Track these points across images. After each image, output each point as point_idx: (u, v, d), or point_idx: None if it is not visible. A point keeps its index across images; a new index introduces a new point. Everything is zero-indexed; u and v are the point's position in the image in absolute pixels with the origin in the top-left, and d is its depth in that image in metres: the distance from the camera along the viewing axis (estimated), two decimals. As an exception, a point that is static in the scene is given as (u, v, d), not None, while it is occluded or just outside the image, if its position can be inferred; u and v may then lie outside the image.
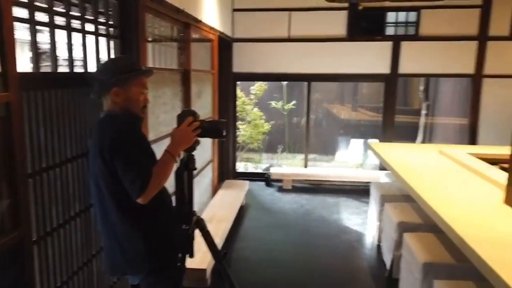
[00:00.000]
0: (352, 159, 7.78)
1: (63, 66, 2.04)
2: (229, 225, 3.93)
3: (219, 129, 1.89)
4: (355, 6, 5.46)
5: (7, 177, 1.51)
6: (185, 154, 1.87)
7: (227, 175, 5.84)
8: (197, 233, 1.98)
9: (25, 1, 1.67)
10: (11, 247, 1.54)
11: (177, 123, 1.83)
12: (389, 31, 5.68)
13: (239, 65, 5.86)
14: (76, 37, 2.04)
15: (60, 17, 1.90)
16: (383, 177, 5.45)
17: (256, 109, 7.50)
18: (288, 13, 5.71)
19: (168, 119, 3.12)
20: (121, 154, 1.60)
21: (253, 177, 6.41)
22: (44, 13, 1.79)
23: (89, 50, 2.15)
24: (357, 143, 8.00)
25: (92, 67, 2.15)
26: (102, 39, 2.29)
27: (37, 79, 1.75)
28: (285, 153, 8.12)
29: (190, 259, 1.95)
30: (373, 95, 9.11)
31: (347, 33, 5.70)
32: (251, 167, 7.48)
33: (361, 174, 6.32)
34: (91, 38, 2.18)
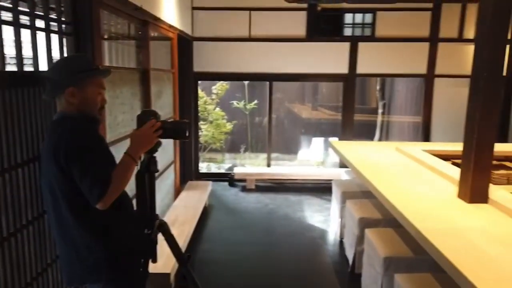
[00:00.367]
0: (313, 157, 7.91)
1: (10, 64, 1.91)
2: (193, 227, 3.87)
3: (181, 129, 1.85)
4: (314, 7, 5.57)
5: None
6: (146, 156, 1.81)
7: (190, 176, 5.76)
8: (160, 237, 1.93)
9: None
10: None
11: (137, 124, 1.77)
12: (347, 32, 5.84)
13: (200, 64, 5.79)
14: (25, 34, 1.91)
15: (7, 12, 1.78)
16: (344, 174, 5.58)
17: (218, 109, 7.44)
18: (248, 12, 5.72)
19: (127, 120, 3.02)
20: (77, 158, 1.52)
21: (216, 177, 6.36)
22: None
23: (40, 48, 2.03)
24: (318, 142, 8.15)
25: (43, 66, 2.03)
26: (54, 36, 2.17)
27: (-18, 78, 1.63)
28: (248, 152, 8.13)
29: (153, 264, 1.90)
30: (332, 94, 9.32)
31: (307, 34, 5.79)
32: (214, 168, 7.42)
33: (322, 172, 6.44)
34: (42, 35, 2.06)
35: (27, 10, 1.93)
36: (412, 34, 5.79)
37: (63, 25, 2.25)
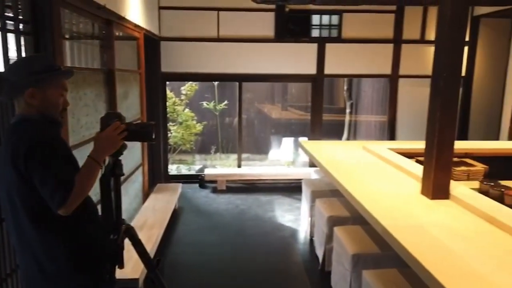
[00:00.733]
0: (284, 157, 7.97)
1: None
2: (162, 230, 3.80)
3: (147, 131, 1.81)
4: (282, 8, 5.61)
5: None
6: (111, 159, 1.76)
7: (159, 178, 5.66)
8: (127, 242, 1.88)
9: None
10: None
11: (100, 127, 1.72)
12: (315, 33, 5.92)
13: (168, 65, 5.71)
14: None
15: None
16: (313, 173, 5.65)
17: (187, 109, 7.35)
18: (216, 12, 5.69)
19: (91, 122, 2.92)
20: (38, 163, 1.45)
21: (187, 179, 6.29)
22: None
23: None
24: (288, 142, 8.22)
25: (0, 66, 1.93)
26: (11, 36, 2.07)
27: None
28: (218, 153, 8.08)
29: (120, 269, 1.85)
30: (302, 94, 9.42)
31: (275, 35, 5.83)
32: (184, 169, 7.32)
33: (293, 171, 6.51)
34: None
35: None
36: (377, 35, 5.95)
37: (21, 24, 2.15)
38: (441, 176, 2.43)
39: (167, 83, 6.24)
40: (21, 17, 2.15)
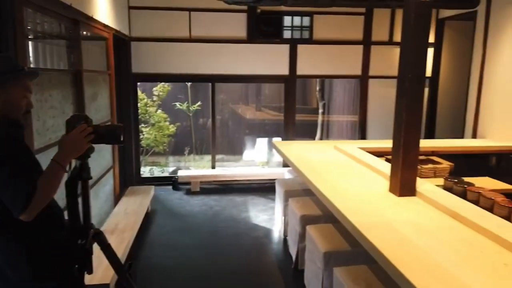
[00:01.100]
0: (258, 157, 7.99)
1: None
2: (134, 234, 3.74)
3: (115, 134, 1.78)
4: (253, 9, 5.64)
5: None
6: (77, 162, 1.72)
7: (131, 181, 5.56)
8: (97, 247, 1.84)
9: None
10: None
11: (66, 129, 1.68)
12: (286, 34, 5.98)
13: (139, 66, 5.62)
14: None
15: None
16: (287, 173, 5.70)
17: (159, 111, 7.26)
18: (188, 13, 5.65)
19: (57, 125, 2.84)
20: (-1, 166, 1.40)
21: (160, 181, 6.21)
22: None
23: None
24: (262, 142, 8.25)
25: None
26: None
27: None
28: (192, 155, 8.01)
29: (89, 275, 1.81)
30: (275, 95, 9.48)
31: (248, 36, 5.84)
32: (157, 172, 7.22)
33: (267, 172, 6.54)
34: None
35: None
36: (347, 37, 6.07)
37: (-20, 23, 2.07)
38: (408, 174, 2.51)
39: (139, 84, 6.15)
40: (-20, 16, 2.07)
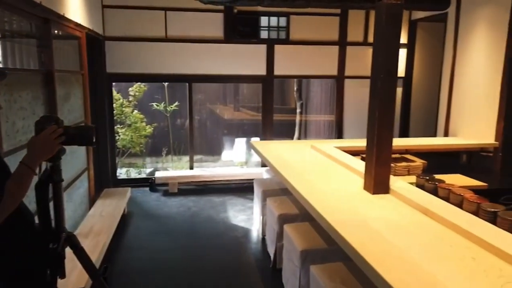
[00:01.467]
0: (237, 158, 7.99)
1: None
2: (109, 237, 3.67)
3: (87, 135, 1.75)
4: (230, 9, 5.63)
5: None
6: (48, 164, 1.68)
7: (107, 183, 5.45)
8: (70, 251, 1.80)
9: None
10: None
11: (35, 131, 1.64)
12: (263, 34, 6.00)
13: (114, 65, 5.52)
14: None
15: None
16: (265, 173, 5.72)
17: (136, 111, 7.15)
18: (163, 12, 5.59)
19: (28, 126, 2.76)
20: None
21: (137, 183, 6.13)
22: None
23: None
24: (241, 142, 8.25)
25: None
26: None
27: None
28: (170, 155, 7.93)
29: (61, 280, 1.77)
30: (253, 95, 9.49)
31: (225, 36, 5.83)
32: (134, 173, 7.11)
33: (245, 171, 6.54)
34: None
35: None
36: (323, 37, 6.14)
37: None
38: (381, 172, 2.56)
39: (114, 84, 6.04)
40: None
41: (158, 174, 6.11)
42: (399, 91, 6.49)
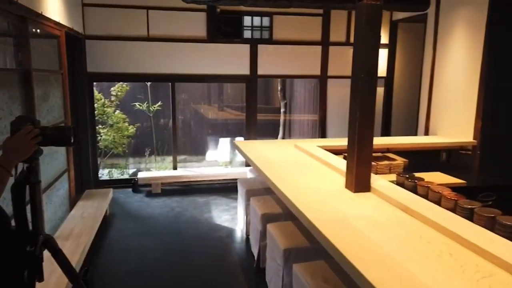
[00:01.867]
0: (221, 157, 7.97)
1: None
2: (91, 238, 3.62)
3: (64, 135, 1.72)
4: (213, 8, 5.61)
5: None
6: (24, 165, 1.65)
7: (88, 184, 5.37)
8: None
9: None
10: None
11: (10, 131, 1.60)
12: (247, 34, 6.00)
13: (95, 65, 5.44)
14: None
15: None
16: (249, 173, 5.73)
17: (118, 111, 7.05)
18: (145, 11, 5.53)
19: (4, 127, 2.69)
20: None
21: (119, 184, 6.06)
22: None
23: None
24: (225, 142, 8.24)
25: None
26: None
27: None
28: (153, 156, 7.85)
29: (40, 283, 1.74)
30: (238, 95, 9.48)
31: (208, 35, 5.81)
32: (116, 174, 7.02)
33: (229, 171, 6.52)
34: None
35: None
36: (306, 37, 6.18)
37: None
38: (362, 170, 2.60)
39: (95, 84, 5.95)
40: None
41: (141, 174, 6.05)
42: (381, 90, 6.58)
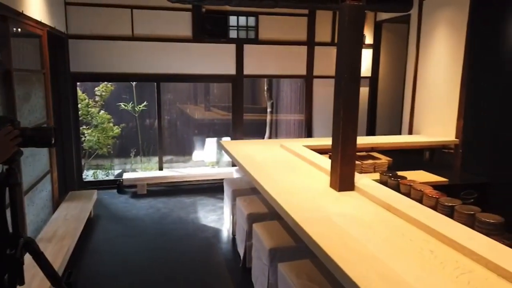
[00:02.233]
0: (207, 158, 7.94)
1: None
2: (74, 241, 3.57)
3: (45, 136, 1.70)
4: (198, 8, 5.59)
5: None
6: (3, 167, 1.62)
7: (72, 186, 5.29)
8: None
9: None
10: None
11: (-12, 133, 1.57)
12: (232, 34, 5.99)
13: (78, 64, 5.36)
14: None
15: None
16: (235, 173, 5.73)
17: (103, 111, 6.97)
18: (129, 10, 5.48)
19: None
20: None
21: (104, 185, 5.99)
22: None
23: None
24: (212, 142, 8.22)
25: None
26: None
27: None
28: (139, 156, 7.79)
29: (21, 286, 1.71)
30: (224, 95, 9.47)
31: (193, 35, 5.78)
32: (101, 175, 6.94)
33: (215, 171, 6.51)
34: None
35: None
36: (292, 37, 6.21)
37: None
38: (346, 170, 2.62)
39: (79, 83, 5.87)
40: None
41: (126, 175, 5.99)
42: (366, 90, 6.66)
